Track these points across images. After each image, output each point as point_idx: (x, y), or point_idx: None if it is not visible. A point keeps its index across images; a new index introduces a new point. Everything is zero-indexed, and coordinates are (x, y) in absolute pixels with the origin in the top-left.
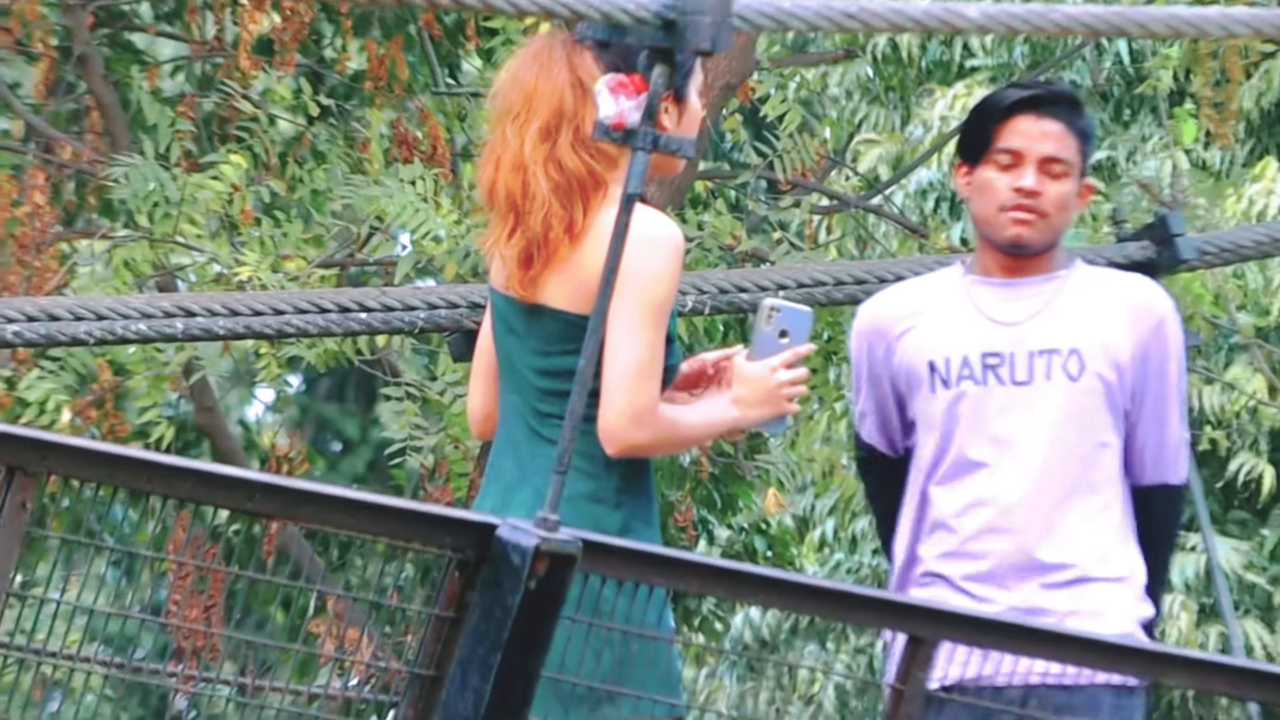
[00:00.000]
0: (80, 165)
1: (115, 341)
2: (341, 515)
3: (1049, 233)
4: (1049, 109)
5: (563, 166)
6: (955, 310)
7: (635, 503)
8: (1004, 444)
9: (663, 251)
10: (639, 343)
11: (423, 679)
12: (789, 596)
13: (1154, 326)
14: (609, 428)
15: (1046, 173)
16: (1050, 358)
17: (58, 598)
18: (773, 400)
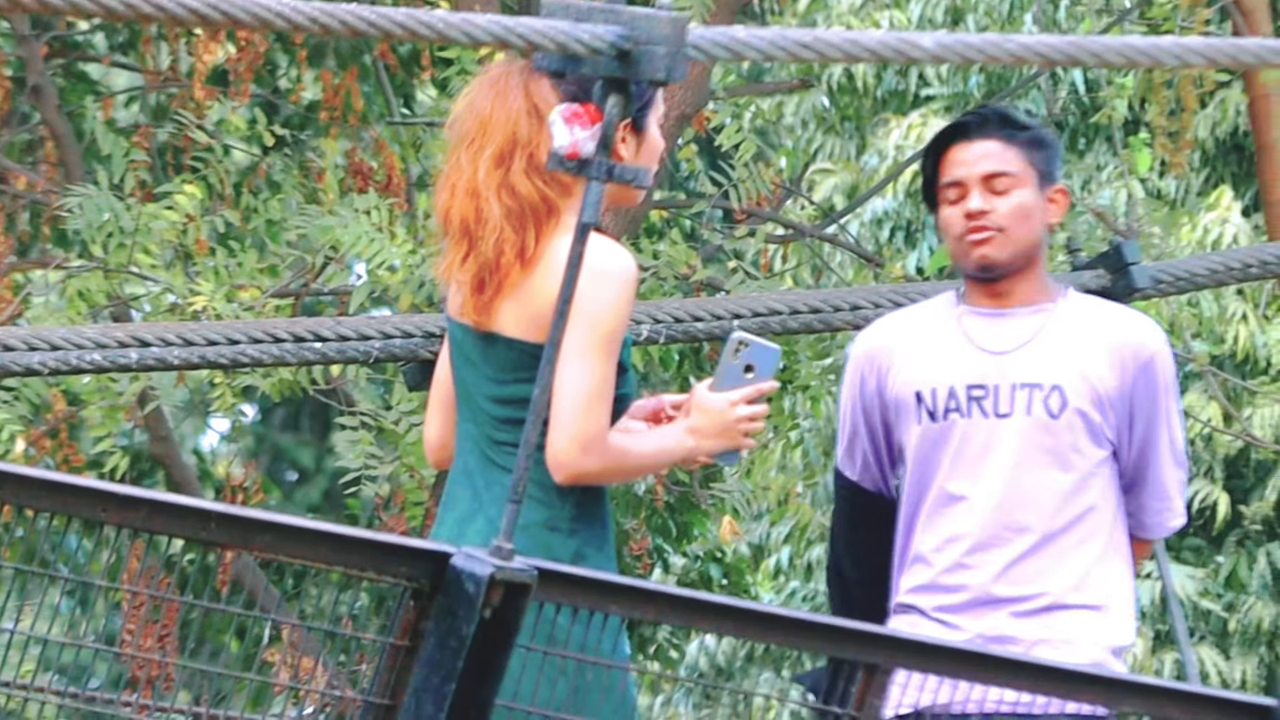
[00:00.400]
0: (34, 195)
1: (69, 371)
2: (296, 545)
3: (1012, 245)
4: (979, 131)
5: (516, 193)
6: (945, 339)
7: (589, 530)
8: (982, 477)
9: (615, 282)
10: (589, 372)
11: (377, 708)
12: (744, 624)
13: (1142, 366)
14: (557, 456)
15: (991, 190)
16: (1032, 392)
17: (11, 628)
18: (729, 433)
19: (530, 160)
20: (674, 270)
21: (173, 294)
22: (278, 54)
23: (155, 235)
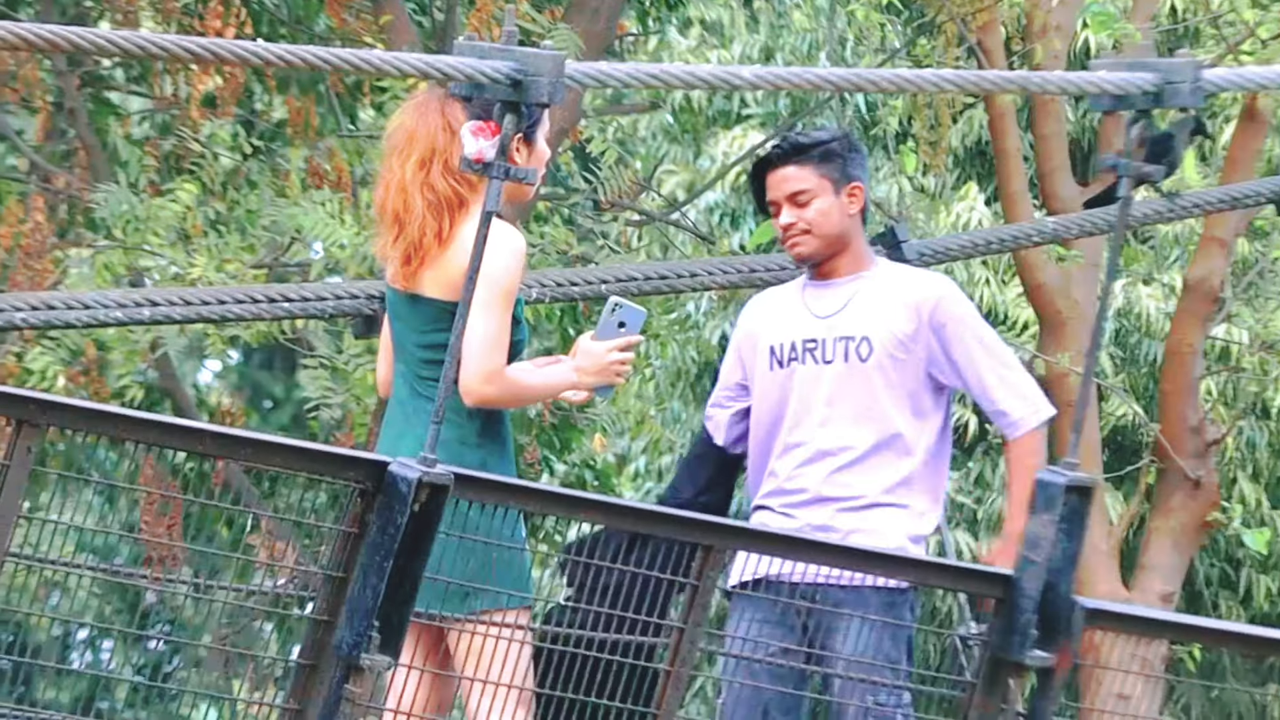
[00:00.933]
0: (70, 192)
1: (98, 325)
2: (271, 455)
3: (818, 240)
4: (780, 161)
5: (434, 189)
6: (792, 308)
7: (492, 444)
8: (816, 408)
9: (509, 254)
10: (490, 321)
11: (333, 579)
12: (610, 514)
13: (931, 310)
14: (467, 385)
15: (795, 204)
16: (848, 343)
17: (56, 519)
18: (605, 372)
19: (445, 164)
20: (556, 247)
21: (176, 266)
22: (254, 83)
23: (162, 222)
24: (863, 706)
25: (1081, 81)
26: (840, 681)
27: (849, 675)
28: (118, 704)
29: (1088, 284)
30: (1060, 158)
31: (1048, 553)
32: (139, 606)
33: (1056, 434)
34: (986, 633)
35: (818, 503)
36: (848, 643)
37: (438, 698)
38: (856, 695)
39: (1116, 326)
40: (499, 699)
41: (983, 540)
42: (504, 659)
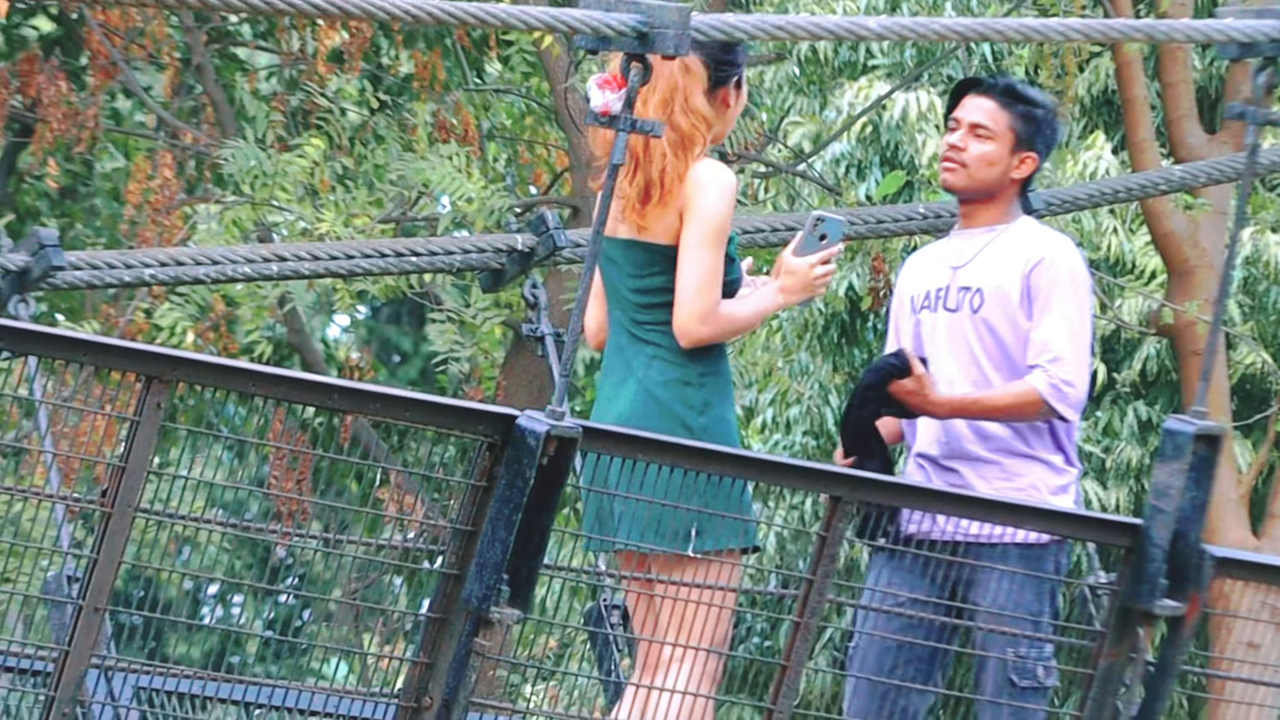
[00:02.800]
0: (198, 148)
1: (226, 280)
2: (400, 410)
3: (967, 179)
4: (988, 90)
5: (677, 127)
6: (935, 256)
7: (715, 382)
8: (940, 356)
9: (719, 191)
10: (702, 261)
11: (462, 533)
12: (740, 466)
13: (1033, 266)
14: (681, 326)
15: (974, 134)
16: (965, 293)
17: (186, 474)
18: (810, 287)
19: (685, 102)
20: None
21: (304, 221)
22: (380, 38)
23: (290, 177)
24: (1003, 659)
25: (1209, 29)
26: (981, 635)
27: (989, 628)
28: (248, 659)
29: (1215, 232)
30: (1187, 105)
31: (1176, 501)
32: (269, 561)
33: (1185, 383)
34: (1116, 581)
35: (957, 457)
36: (988, 596)
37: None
38: (996, 648)
39: (1244, 274)
40: (694, 651)
41: (1111, 489)
42: (704, 609)
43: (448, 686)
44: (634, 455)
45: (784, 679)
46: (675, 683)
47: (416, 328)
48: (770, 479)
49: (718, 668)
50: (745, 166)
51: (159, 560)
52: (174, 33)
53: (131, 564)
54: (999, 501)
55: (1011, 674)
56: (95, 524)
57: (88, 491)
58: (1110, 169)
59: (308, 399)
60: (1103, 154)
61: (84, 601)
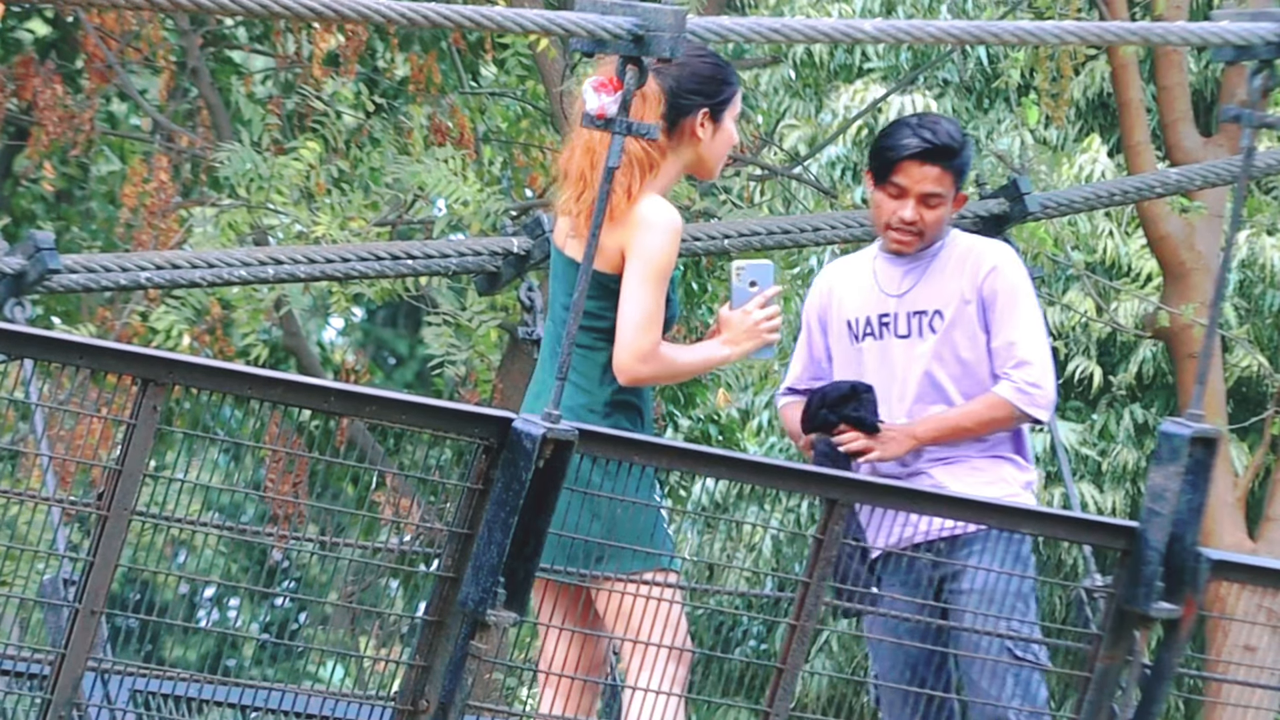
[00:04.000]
0: (194, 151)
1: (222, 283)
2: (396, 412)
3: (924, 241)
4: (931, 158)
5: (625, 150)
6: (865, 280)
7: (623, 414)
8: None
9: (664, 232)
10: (644, 299)
11: (458, 536)
12: (735, 470)
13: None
14: (620, 363)
15: (925, 204)
16: (920, 317)
17: (182, 477)
18: (754, 335)
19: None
20: (678, 203)
21: (299, 224)
22: (376, 41)
23: (286, 180)
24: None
25: (1204, 32)
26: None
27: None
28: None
29: (1211, 235)
30: (1183, 108)
31: (1173, 504)
32: (265, 564)
33: (1180, 386)
34: (1112, 585)
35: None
36: (976, 579)
37: (589, 659)
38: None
39: (1240, 277)
40: (655, 657)
41: (1108, 492)
42: (655, 617)
43: (444, 689)
44: (628, 458)
45: (780, 682)
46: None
47: (412, 331)
48: (765, 482)
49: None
50: (741, 169)
51: (155, 563)
52: (169, 36)
53: (128, 567)
54: (992, 504)
55: (1010, 646)
56: (91, 527)
57: (84, 494)
58: (1106, 172)
59: (304, 402)
60: (1098, 157)
61: (80, 604)
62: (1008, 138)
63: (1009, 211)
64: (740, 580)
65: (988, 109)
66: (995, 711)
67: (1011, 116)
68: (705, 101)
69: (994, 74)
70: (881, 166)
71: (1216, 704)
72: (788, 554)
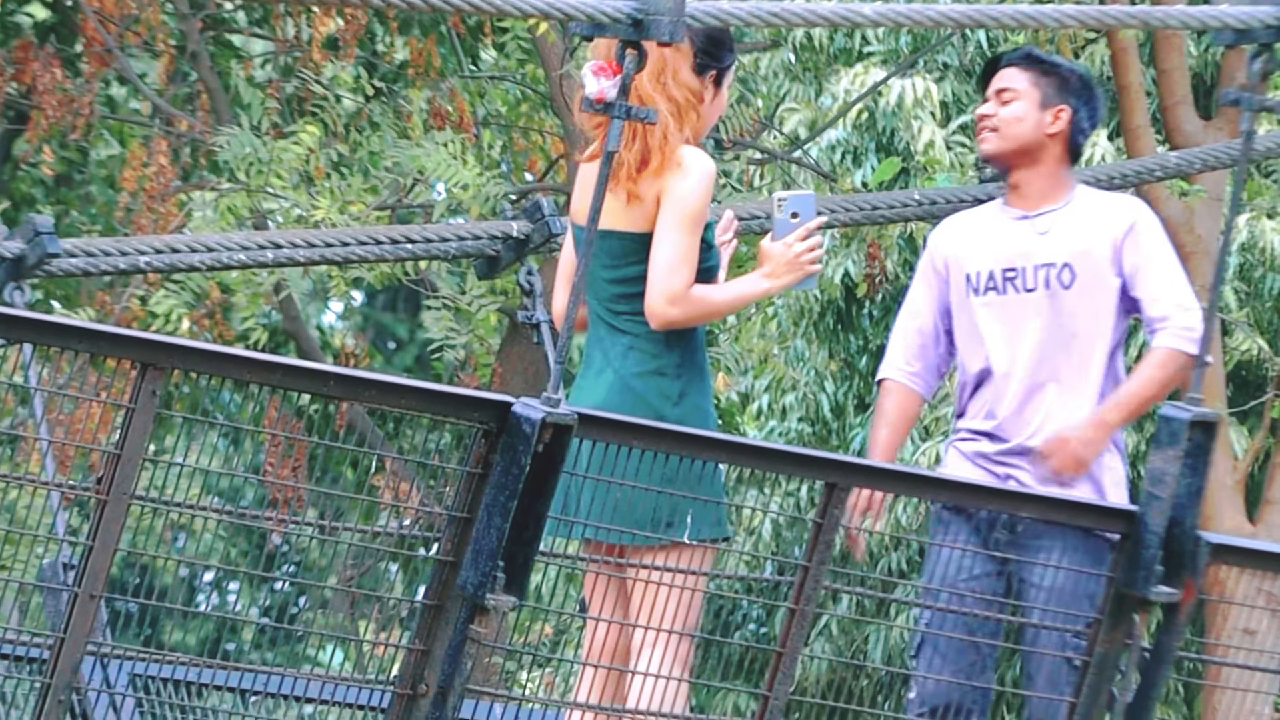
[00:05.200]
0: (193, 135)
1: (222, 268)
2: (395, 397)
3: (1003, 140)
4: (1007, 62)
5: (672, 96)
6: (990, 233)
7: (690, 373)
8: (1018, 339)
9: (695, 176)
10: (674, 243)
11: (458, 520)
12: (735, 453)
13: (1125, 232)
14: (651, 308)
15: (998, 99)
16: (1049, 270)
17: (182, 461)
18: (795, 267)
19: (676, 76)
20: None
21: (299, 208)
22: (375, 25)
23: (285, 164)
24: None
25: (1204, 16)
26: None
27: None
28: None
29: (1211, 219)
30: (1183, 92)
31: (1172, 488)
32: (265, 548)
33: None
34: (1111, 568)
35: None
36: (1046, 575)
37: (628, 638)
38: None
39: (1240, 261)
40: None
41: None
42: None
43: (443, 673)
44: (628, 442)
45: (779, 666)
46: (649, 667)
47: (412, 315)
48: (765, 465)
49: (690, 652)
50: (740, 153)
51: (155, 548)
52: (169, 20)
53: (127, 551)
54: (992, 489)
55: (1070, 653)
56: (91, 511)
57: (83, 479)
58: (1106, 155)
59: (303, 386)
60: (1098, 140)
61: (80, 589)
62: None
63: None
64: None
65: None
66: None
67: None
68: (715, 65)
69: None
70: (981, 88)
71: (1216, 687)
72: (787, 538)
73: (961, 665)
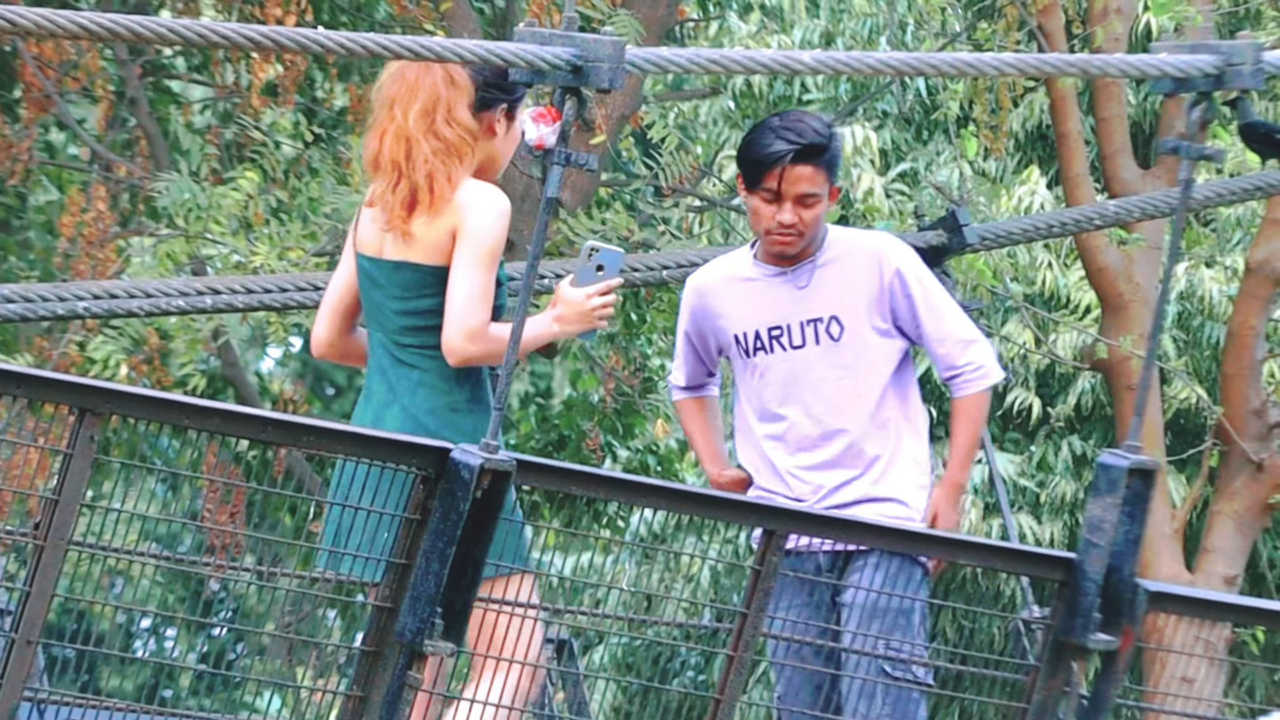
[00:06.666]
0: (132, 180)
1: (160, 313)
2: (333, 442)
3: (805, 241)
4: (801, 159)
5: (440, 135)
6: (749, 290)
7: (479, 410)
8: (793, 395)
9: (494, 214)
10: (471, 280)
11: (397, 566)
12: (674, 501)
13: (892, 269)
14: (449, 343)
15: (801, 205)
16: (816, 325)
17: (119, 507)
18: (586, 319)
19: (449, 113)
20: (617, 233)
21: (238, 254)
22: (315, 71)
23: (224, 210)
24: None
25: (1143, 64)
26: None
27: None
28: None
29: (1150, 267)
30: (1121, 140)
31: (1110, 536)
32: (202, 594)
33: (1119, 418)
34: (1049, 616)
35: (824, 489)
36: (860, 593)
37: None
38: (869, 643)
39: (1179, 309)
40: (501, 670)
41: (1045, 524)
42: (505, 629)
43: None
44: (566, 487)
45: (718, 712)
46: (483, 695)
47: None
48: (704, 512)
49: (526, 682)
50: (680, 200)
51: (92, 593)
52: (108, 65)
53: (64, 597)
54: (934, 535)
55: (885, 665)
56: (28, 557)
57: (20, 524)
58: (1045, 203)
59: (242, 432)
60: (1037, 189)
61: (16, 634)
62: (946, 169)
63: (947, 243)
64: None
65: (927, 140)
66: None
67: (950, 148)
68: (505, 98)
69: (933, 105)
70: (752, 173)
71: None
72: (726, 585)
73: (817, 697)
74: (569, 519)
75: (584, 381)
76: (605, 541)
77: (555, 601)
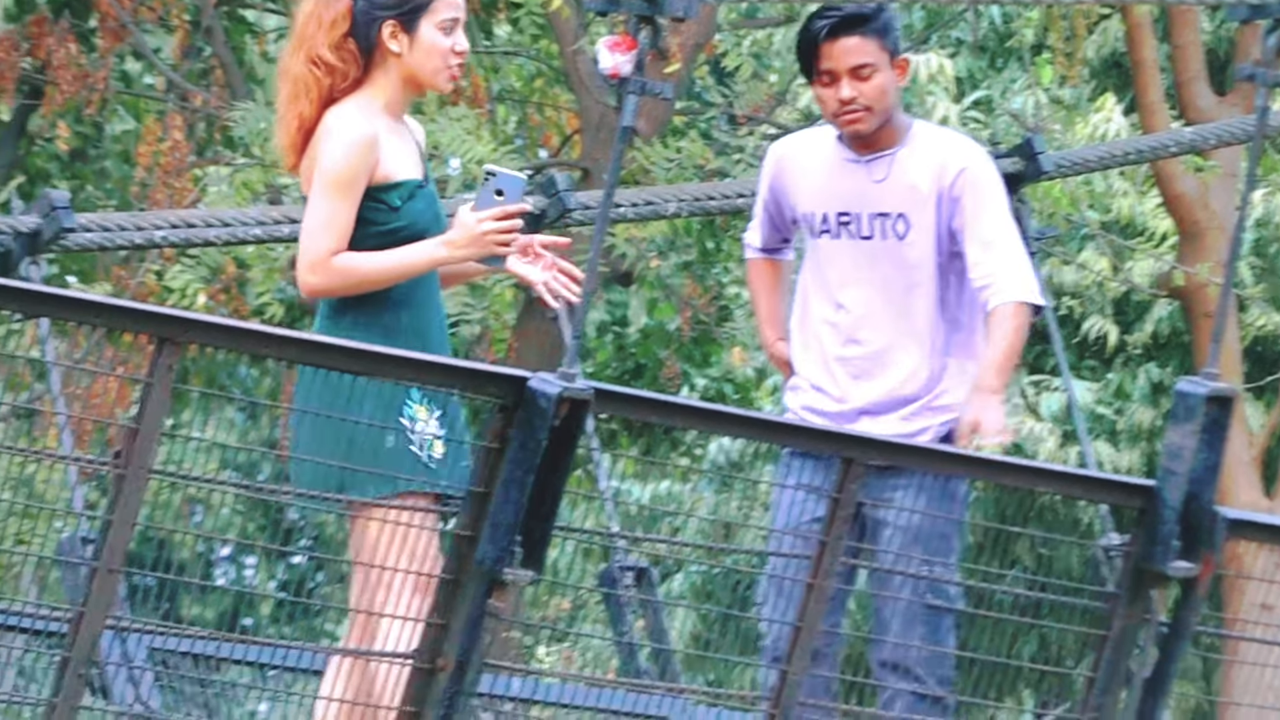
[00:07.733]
0: (208, 110)
1: (237, 243)
2: (414, 372)
3: (876, 117)
4: (844, 30)
5: (290, 75)
6: (827, 172)
7: (368, 336)
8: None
9: (339, 143)
10: (314, 209)
11: (476, 495)
12: (751, 429)
13: (953, 178)
14: (298, 276)
15: (857, 77)
16: (884, 220)
17: (199, 436)
18: (478, 243)
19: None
20: (692, 162)
21: None
22: None
23: None
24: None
25: None
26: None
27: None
28: (262, 620)
29: (1226, 194)
30: (1197, 67)
31: (1189, 463)
32: (282, 523)
33: (1196, 345)
34: (1129, 543)
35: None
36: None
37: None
38: (910, 566)
39: (1255, 236)
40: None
41: (1123, 451)
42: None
43: (461, 648)
44: (645, 416)
45: (799, 641)
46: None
47: None
48: (781, 440)
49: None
50: (754, 129)
51: (173, 522)
52: None
53: (145, 525)
54: (1014, 464)
55: (928, 593)
56: (109, 485)
57: (101, 453)
58: (1120, 131)
59: (319, 361)
60: (1113, 116)
61: (98, 563)
62: (1021, 97)
63: (1023, 171)
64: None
65: (1001, 68)
66: (897, 652)
67: (1025, 76)
68: (390, 14)
69: (1008, 33)
70: (806, 62)
71: (1234, 662)
72: None
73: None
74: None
75: (660, 310)
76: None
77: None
